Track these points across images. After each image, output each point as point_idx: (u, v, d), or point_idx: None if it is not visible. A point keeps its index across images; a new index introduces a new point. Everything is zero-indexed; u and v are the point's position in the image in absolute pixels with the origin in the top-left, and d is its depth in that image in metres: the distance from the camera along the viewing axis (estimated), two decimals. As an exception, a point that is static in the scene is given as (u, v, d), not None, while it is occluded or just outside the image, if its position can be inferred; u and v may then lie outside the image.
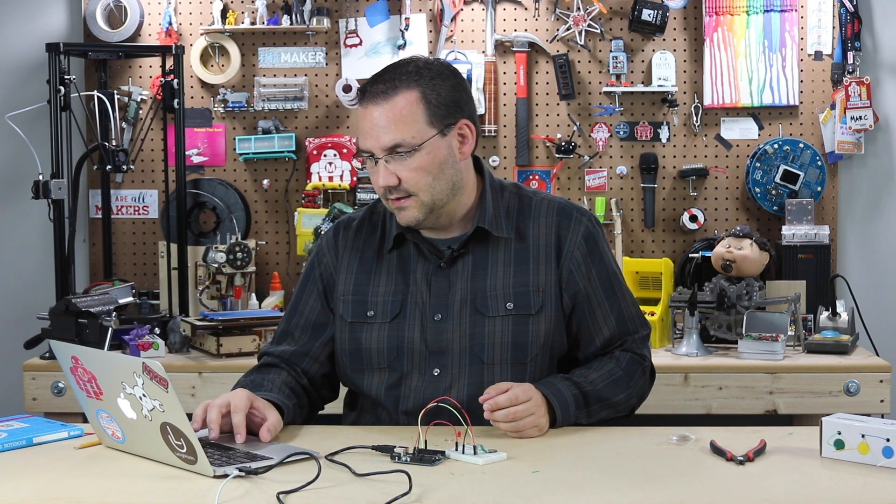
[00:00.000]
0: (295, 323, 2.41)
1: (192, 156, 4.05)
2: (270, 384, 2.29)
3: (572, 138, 4.01)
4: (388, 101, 2.21)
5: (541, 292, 2.30)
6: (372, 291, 2.35)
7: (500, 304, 2.29)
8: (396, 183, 2.22)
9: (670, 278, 3.69)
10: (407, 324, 2.31)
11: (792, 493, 1.81)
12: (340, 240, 2.41)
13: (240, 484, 1.85)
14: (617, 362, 2.33)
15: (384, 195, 2.26)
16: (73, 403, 3.07)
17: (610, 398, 2.28)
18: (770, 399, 3.32)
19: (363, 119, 2.25)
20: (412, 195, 2.24)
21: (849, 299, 3.69)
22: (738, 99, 3.97)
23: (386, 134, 2.20)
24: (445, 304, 2.30)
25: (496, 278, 2.30)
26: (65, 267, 3.64)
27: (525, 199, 2.37)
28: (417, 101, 2.21)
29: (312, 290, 2.41)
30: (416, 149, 2.21)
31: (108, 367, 1.96)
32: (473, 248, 2.32)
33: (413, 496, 1.78)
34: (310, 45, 4.06)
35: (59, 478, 1.94)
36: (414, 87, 2.22)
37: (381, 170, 2.23)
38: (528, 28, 4.01)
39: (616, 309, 2.36)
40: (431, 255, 2.33)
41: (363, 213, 2.44)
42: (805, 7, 3.95)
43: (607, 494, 1.82)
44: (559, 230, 2.33)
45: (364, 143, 2.25)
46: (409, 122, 2.21)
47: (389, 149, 2.21)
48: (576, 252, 2.32)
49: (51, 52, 3.59)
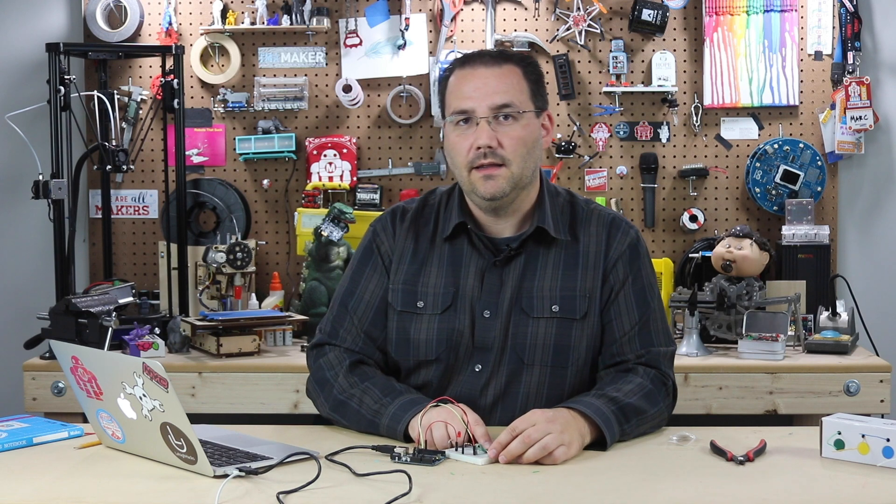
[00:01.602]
0: (354, 307, 2.35)
1: (192, 156, 4.05)
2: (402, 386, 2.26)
3: (572, 138, 4.01)
4: (499, 67, 2.28)
5: (587, 298, 2.29)
6: (423, 282, 2.33)
7: (546, 305, 2.28)
8: (497, 145, 2.23)
9: (670, 278, 3.69)
10: (458, 317, 2.30)
11: (792, 493, 1.81)
12: (397, 226, 2.39)
13: (240, 484, 1.85)
14: (643, 377, 2.25)
15: (475, 160, 2.24)
16: (73, 403, 3.06)
17: (646, 410, 2.19)
18: (770, 399, 3.32)
19: (466, 80, 2.27)
20: (504, 165, 2.24)
21: (849, 299, 3.69)
22: (738, 99, 3.97)
23: (496, 93, 2.25)
24: (495, 301, 2.29)
25: (544, 279, 2.30)
26: (65, 267, 3.64)
27: (578, 207, 2.38)
28: (522, 76, 2.30)
29: (373, 273, 2.37)
30: (521, 115, 2.26)
31: (108, 367, 1.96)
32: (528, 249, 2.32)
33: (413, 496, 1.78)
34: (310, 45, 4.06)
35: (59, 478, 1.94)
36: (518, 65, 2.31)
37: (483, 129, 2.23)
38: (528, 28, 4.01)
39: (644, 319, 2.31)
40: (486, 252, 2.32)
41: (417, 203, 2.42)
42: (805, 7, 3.95)
43: (607, 494, 1.82)
44: (609, 239, 2.34)
45: (465, 103, 2.25)
46: (517, 89, 2.28)
47: (498, 107, 2.24)
48: (619, 260, 2.32)
49: (51, 52, 3.59)
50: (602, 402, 2.13)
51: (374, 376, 2.28)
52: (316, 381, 2.32)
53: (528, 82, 2.30)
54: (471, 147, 2.24)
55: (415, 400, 2.19)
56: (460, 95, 2.27)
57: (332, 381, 2.28)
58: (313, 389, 2.33)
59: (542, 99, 2.34)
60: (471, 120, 2.25)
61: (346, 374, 2.28)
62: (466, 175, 2.27)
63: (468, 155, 2.25)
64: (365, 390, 2.23)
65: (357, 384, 2.25)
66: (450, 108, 2.29)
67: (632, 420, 2.15)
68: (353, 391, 2.24)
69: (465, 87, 2.27)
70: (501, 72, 2.28)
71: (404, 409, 2.16)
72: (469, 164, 2.25)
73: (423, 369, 2.31)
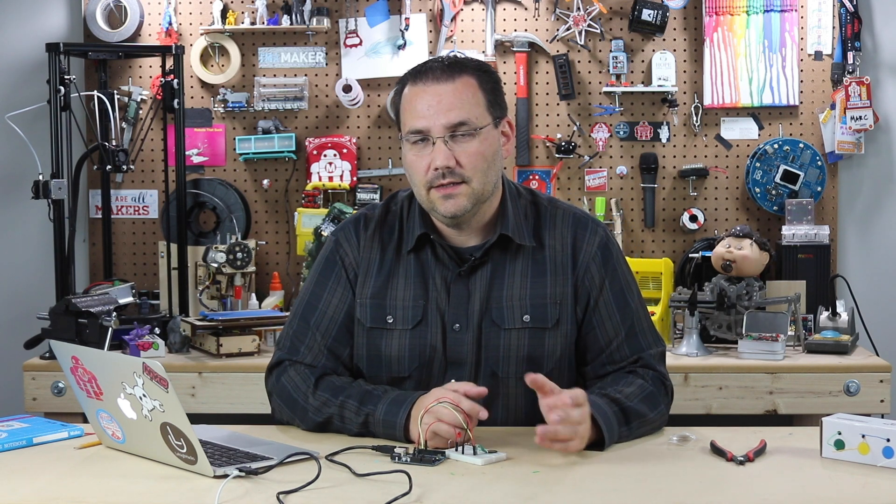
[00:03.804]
0: (317, 322, 2.26)
1: (192, 156, 4.05)
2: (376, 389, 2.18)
3: (572, 138, 4.01)
4: (452, 82, 2.17)
5: (557, 305, 2.24)
6: (391, 295, 2.25)
7: (517, 315, 2.23)
8: (454, 165, 2.15)
9: (670, 278, 3.69)
10: (430, 331, 2.23)
11: (792, 493, 1.81)
12: (361, 237, 2.30)
13: (240, 484, 1.85)
14: (644, 378, 2.21)
15: (433, 180, 2.16)
16: (73, 403, 3.06)
17: (647, 414, 2.15)
18: (770, 399, 3.32)
19: (418, 98, 2.17)
20: (464, 182, 2.16)
21: (849, 299, 3.69)
22: (738, 99, 3.97)
23: (451, 110, 2.15)
24: (465, 314, 2.23)
25: (513, 288, 2.24)
26: (65, 267, 3.64)
27: (541, 207, 2.31)
28: (477, 86, 2.19)
29: (337, 286, 2.28)
30: (478, 131, 2.16)
31: (108, 367, 1.96)
32: (493, 257, 2.25)
33: (413, 496, 1.78)
34: (310, 45, 4.06)
35: (59, 478, 1.94)
36: (472, 74, 2.20)
37: (439, 149, 2.15)
38: (528, 28, 4.01)
39: (628, 322, 2.26)
40: (451, 262, 2.25)
41: (378, 211, 2.33)
42: (805, 7, 3.95)
43: (607, 494, 1.82)
44: (575, 240, 2.27)
45: (418, 122, 2.16)
46: (472, 104, 2.17)
47: (453, 126, 2.15)
48: (591, 263, 2.26)
49: (51, 52, 3.59)
50: (605, 402, 2.10)
51: (346, 387, 2.19)
52: (283, 401, 2.22)
53: (484, 92, 2.20)
54: (428, 167, 2.16)
55: (396, 399, 2.12)
56: (414, 114, 2.17)
57: (302, 403, 2.19)
58: (281, 409, 2.23)
59: (500, 107, 2.24)
60: (427, 140, 2.16)
61: (315, 394, 2.19)
62: (426, 194, 2.19)
63: (426, 175, 2.16)
64: (342, 405, 2.15)
65: (331, 401, 2.17)
66: (405, 126, 2.20)
67: (632, 423, 2.12)
68: (329, 409, 2.16)
69: (419, 104, 2.17)
70: (455, 86, 2.17)
71: (392, 413, 2.10)
72: (428, 184, 2.17)
73: (397, 385, 2.23)
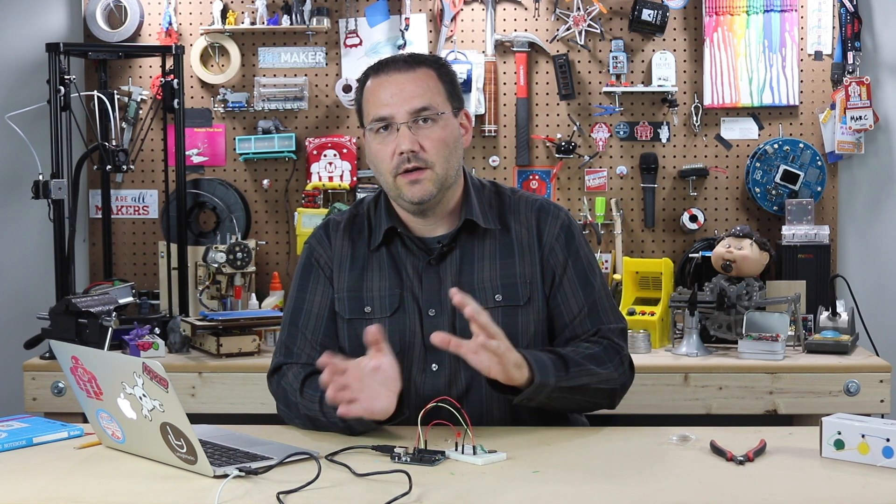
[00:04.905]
0: (304, 323, 2.36)
1: (192, 156, 4.05)
2: None
3: (572, 138, 4.01)
4: (413, 71, 2.30)
5: (528, 284, 2.33)
6: (367, 287, 2.35)
7: (489, 296, 2.31)
8: (419, 149, 2.25)
9: (670, 278, 3.69)
10: (408, 317, 2.32)
11: (792, 493, 1.81)
12: (332, 237, 2.40)
13: (240, 484, 1.85)
14: (596, 344, 2.31)
15: (399, 166, 2.26)
16: (73, 403, 3.06)
17: (587, 365, 2.24)
18: (770, 399, 3.32)
19: (382, 88, 2.29)
20: (427, 167, 2.26)
21: (849, 299, 3.69)
22: (738, 99, 3.97)
23: (414, 97, 2.26)
24: (438, 299, 2.31)
25: (483, 271, 2.33)
26: (65, 267, 3.64)
27: (504, 196, 2.42)
28: (436, 77, 2.32)
29: (317, 286, 2.38)
30: (439, 116, 2.28)
31: (108, 367, 1.96)
32: (461, 243, 2.35)
33: (413, 496, 1.78)
34: (310, 45, 4.06)
35: (59, 478, 1.94)
36: (431, 66, 2.33)
37: (404, 134, 2.25)
38: (528, 28, 4.01)
39: (590, 299, 2.35)
40: (420, 252, 2.34)
41: (346, 215, 2.44)
42: (805, 7, 3.95)
43: (607, 494, 1.82)
44: (539, 223, 2.37)
45: (383, 110, 2.27)
46: (433, 91, 2.29)
47: (417, 111, 2.26)
48: (555, 243, 2.36)
49: (51, 52, 3.59)
50: (544, 353, 2.22)
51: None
52: (284, 404, 2.31)
53: (444, 83, 2.32)
54: (393, 153, 2.26)
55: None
56: (378, 103, 2.29)
57: (295, 402, 2.26)
58: (285, 413, 2.32)
59: (458, 99, 2.35)
60: (391, 126, 2.27)
61: (303, 391, 2.26)
62: (392, 181, 2.29)
63: (392, 161, 2.27)
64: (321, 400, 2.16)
65: (312, 397, 2.22)
66: (368, 116, 2.31)
67: (571, 368, 2.20)
68: (314, 406, 2.21)
69: (382, 93, 2.28)
70: (416, 75, 2.29)
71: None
72: (394, 171, 2.27)
73: None
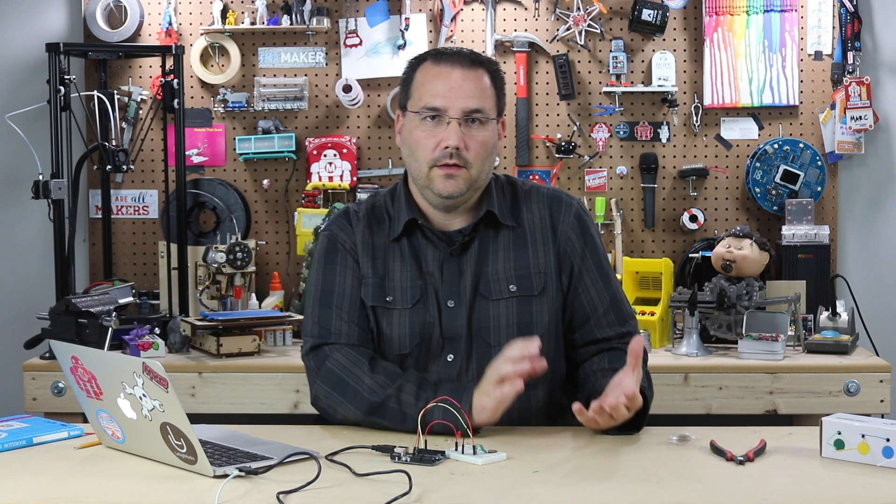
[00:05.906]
0: (338, 303, 2.33)
1: (192, 156, 4.05)
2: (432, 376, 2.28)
3: (572, 138, 4.01)
4: (473, 70, 2.31)
5: (542, 274, 2.35)
6: (389, 277, 2.35)
7: (504, 286, 2.33)
8: (463, 147, 2.27)
9: (670, 278, 3.69)
10: (428, 310, 2.32)
11: (792, 493, 1.81)
12: (354, 224, 2.40)
13: (240, 484, 1.85)
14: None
15: (440, 158, 2.27)
16: (73, 403, 3.06)
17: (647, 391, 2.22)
18: (770, 399, 3.32)
19: (441, 78, 2.29)
20: (465, 167, 2.28)
21: (849, 299, 3.69)
22: (738, 99, 3.97)
23: (470, 97, 2.28)
24: (457, 290, 2.33)
25: (497, 263, 2.35)
26: (65, 267, 3.64)
27: (517, 186, 2.44)
28: (491, 83, 2.34)
29: (345, 268, 2.36)
30: (488, 121, 2.31)
31: (108, 367, 1.96)
32: (479, 235, 2.36)
33: (413, 496, 1.78)
34: (310, 45, 4.06)
35: (59, 478, 1.94)
36: (488, 70, 2.35)
37: (454, 130, 2.26)
38: (528, 28, 4.01)
39: (610, 290, 2.38)
40: (441, 243, 2.35)
41: (365, 204, 2.44)
42: (805, 7, 3.95)
43: (607, 494, 1.82)
44: (552, 213, 2.39)
45: (437, 100, 2.28)
46: (487, 96, 2.32)
47: (470, 111, 2.28)
48: (570, 232, 2.38)
49: (51, 52, 3.59)
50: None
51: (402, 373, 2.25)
52: (331, 385, 2.26)
53: (495, 89, 2.35)
54: (437, 145, 2.28)
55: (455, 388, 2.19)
56: (433, 92, 2.29)
57: (354, 384, 2.23)
58: (329, 396, 2.26)
59: (503, 106, 2.39)
60: (441, 118, 2.28)
61: (371, 374, 2.24)
62: (427, 171, 2.30)
63: (434, 152, 2.28)
64: (400, 388, 2.20)
65: (387, 384, 2.21)
66: (419, 101, 2.31)
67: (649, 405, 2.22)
68: (387, 391, 2.20)
69: (439, 84, 2.29)
70: (476, 75, 2.31)
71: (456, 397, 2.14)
72: (432, 161, 2.29)
73: (398, 363, 2.31)
